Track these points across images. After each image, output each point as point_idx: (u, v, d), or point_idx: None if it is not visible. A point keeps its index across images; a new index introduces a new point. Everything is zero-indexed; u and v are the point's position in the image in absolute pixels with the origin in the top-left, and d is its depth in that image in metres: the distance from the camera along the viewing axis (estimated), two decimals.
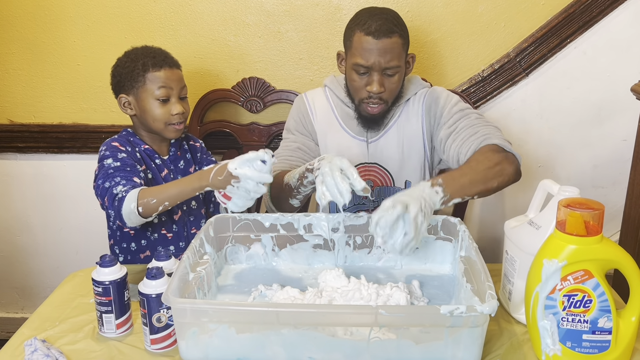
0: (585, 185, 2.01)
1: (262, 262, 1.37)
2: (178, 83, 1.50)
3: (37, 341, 1.08)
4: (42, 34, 1.94)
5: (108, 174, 1.38)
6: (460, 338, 0.99)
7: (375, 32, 1.43)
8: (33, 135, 2.03)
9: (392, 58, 1.45)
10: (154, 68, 1.47)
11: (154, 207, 1.28)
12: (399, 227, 1.11)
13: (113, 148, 1.46)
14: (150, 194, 1.28)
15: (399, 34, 1.46)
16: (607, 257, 0.99)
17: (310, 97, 1.66)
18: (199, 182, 1.25)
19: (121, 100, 1.51)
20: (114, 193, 1.31)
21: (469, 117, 1.50)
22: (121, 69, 1.51)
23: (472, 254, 1.16)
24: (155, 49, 1.53)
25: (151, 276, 1.07)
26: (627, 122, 1.87)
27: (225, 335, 1.01)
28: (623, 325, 1.02)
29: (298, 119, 1.65)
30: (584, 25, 1.84)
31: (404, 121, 1.60)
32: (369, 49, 1.44)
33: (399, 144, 1.60)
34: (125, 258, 1.57)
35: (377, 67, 1.46)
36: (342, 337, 1.01)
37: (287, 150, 1.62)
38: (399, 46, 1.46)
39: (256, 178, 1.18)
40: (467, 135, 1.45)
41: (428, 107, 1.58)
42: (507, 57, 1.88)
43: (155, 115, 1.48)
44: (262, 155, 1.18)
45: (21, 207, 2.14)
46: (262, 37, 1.92)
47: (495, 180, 1.33)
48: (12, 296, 2.28)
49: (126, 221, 1.30)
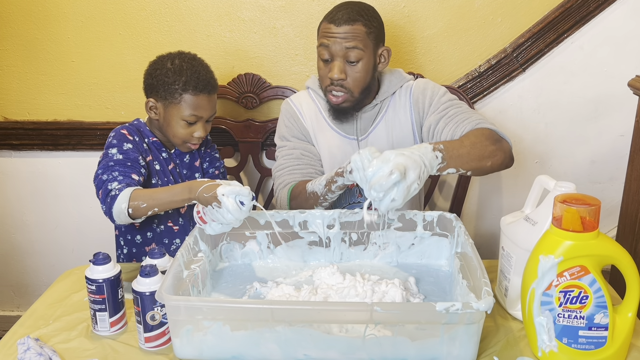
0: (583, 180, 2.01)
1: (257, 260, 1.36)
2: (211, 109, 1.49)
3: (30, 340, 1.08)
4: (36, 31, 1.93)
5: (108, 166, 1.38)
6: (456, 335, 0.99)
7: (337, 20, 1.46)
8: (28, 133, 2.02)
9: (353, 45, 1.46)
10: (194, 91, 1.44)
11: (143, 211, 1.28)
12: (390, 192, 1.11)
13: (121, 136, 1.46)
14: (141, 197, 1.27)
15: (362, 23, 1.47)
16: (604, 252, 0.99)
17: (296, 101, 1.65)
18: (188, 194, 1.23)
19: (149, 103, 1.49)
20: (108, 189, 1.31)
21: (459, 106, 1.51)
22: (161, 76, 1.45)
23: (468, 250, 1.15)
24: (203, 66, 1.48)
25: (145, 274, 1.06)
26: (625, 118, 1.87)
27: (220, 333, 1.01)
28: (619, 321, 1.01)
29: (290, 124, 1.63)
30: (581, 20, 1.83)
31: (391, 115, 1.59)
32: (330, 33, 1.47)
33: (388, 139, 1.59)
34: (130, 250, 1.57)
35: (337, 53, 1.47)
36: (337, 334, 1.01)
37: (291, 159, 1.59)
38: (361, 33, 1.47)
39: (234, 213, 1.15)
40: (460, 120, 1.45)
41: (416, 99, 1.58)
42: (504, 53, 1.88)
43: (177, 133, 1.47)
44: (249, 196, 1.15)
45: (16, 205, 2.13)
46: (258, 33, 1.91)
47: (490, 159, 1.33)
48: (7, 294, 2.27)
49: (115, 219, 1.30)
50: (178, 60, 1.46)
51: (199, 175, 1.61)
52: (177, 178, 1.56)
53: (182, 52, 1.50)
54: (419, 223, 1.33)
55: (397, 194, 1.11)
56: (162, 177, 1.53)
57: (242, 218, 1.17)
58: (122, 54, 1.93)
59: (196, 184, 1.21)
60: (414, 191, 1.14)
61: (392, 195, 1.11)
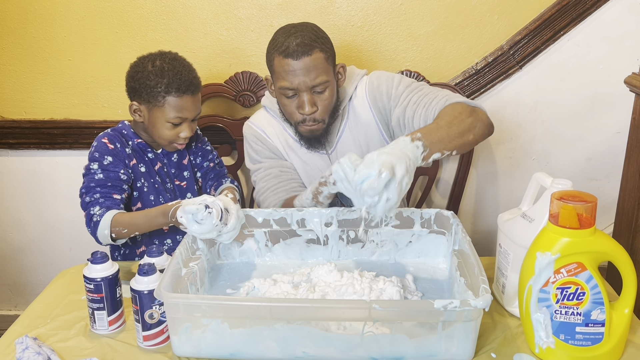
0: (579, 177, 2.02)
1: (255, 258, 1.36)
2: (195, 110, 1.47)
3: (29, 339, 1.08)
4: (32, 29, 1.92)
5: (90, 187, 1.43)
6: (453, 332, 0.99)
7: (294, 53, 1.38)
8: (24, 132, 2.02)
9: (317, 75, 1.40)
10: (177, 93, 1.42)
11: (125, 235, 1.36)
12: (384, 193, 1.08)
13: (102, 147, 1.45)
14: (122, 223, 1.34)
15: (319, 49, 1.41)
16: (600, 249, 0.99)
17: (258, 122, 1.61)
18: (163, 218, 1.30)
19: (132, 106, 1.47)
20: (90, 213, 1.38)
21: (420, 89, 1.46)
22: (143, 79, 1.43)
23: (465, 248, 1.16)
24: (184, 66, 1.46)
25: (143, 272, 1.06)
26: (621, 115, 1.87)
27: (218, 330, 1.01)
28: (616, 317, 1.02)
29: (258, 147, 1.59)
30: (577, 18, 1.84)
31: (353, 121, 1.56)
32: (291, 70, 1.39)
33: (356, 144, 1.56)
34: (124, 252, 1.58)
35: (304, 88, 1.41)
36: (335, 331, 1.01)
37: (270, 179, 1.56)
38: (322, 61, 1.41)
39: (195, 230, 1.20)
40: (427, 102, 1.40)
41: (373, 98, 1.53)
42: (501, 50, 1.88)
43: (163, 135, 1.47)
44: (200, 213, 1.18)
45: (13, 204, 2.12)
46: (255, 31, 1.91)
47: (471, 132, 1.30)
48: (5, 293, 2.27)
49: (101, 241, 1.38)
50: (159, 61, 1.44)
51: (188, 173, 1.60)
52: (165, 178, 1.56)
53: (163, 52, 1.48)
54: (417, 221, 1.33)
55: (391, 193, 1.09)
56: (148, 178, 1.53)
57: (207, 231, 1.20)
58: (119, 53, 1.93)
59: (168, 208, 1.28)
60: (406, 186, 1.11)
61: (386, 196, 1.09)
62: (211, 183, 1.63)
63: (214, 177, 1.62)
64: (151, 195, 1.53)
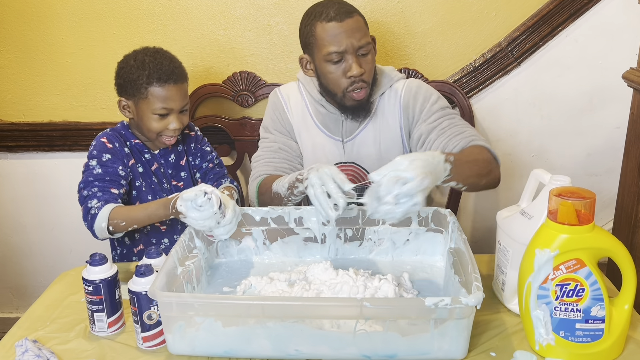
0: (579, 173, 2.01)
1: (253, 256, 1.36)
2: (181, 100, 1.47)
3: (28, 342, 1.07)
4: (29, 31, 1.92)
5: (88, 181, 1.42)
6: (446, 330, 0.99)
7: (337, 16, 1.42)
8: (23, 134, 2.02)
9: (361, 36, 1.43)
10: (159, 82, 1.43)
11: (123, 228, 1.35)
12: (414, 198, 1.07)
13: (101, 146, 1.47)
14: (120, 215, 1.33)
15: (357, 13, 1.45)
16: (599, 245, 0.99)
17: (285, 93, 1.64)
18: (164, 210, 1.29)
19: (121, 103, 1.49)
20: (88, 207, 1.37)
21: (452, 117, 1.48)
22: (126, 73, 1.46)
23: (460, 246, 1.15)
24: (166, 57, 1.48)
25: (140, 274, 1.06)
26: (620, 110, 1.86)
27: (212, 329, 1.01)
28: (616, 313, 1.01)
29: (275, 117, 1.63)
30: (575, 13, 1.83)
31: (380, 118, 1.56)
32: (337, 33, 1.42)
33: (375, 142, 1.56)
34: (122, 251, 1.58)
35: (350, 49, 1.43)
36: (329, 329, 1.01)
37: (268, 151, 1.59)
38: (363, 24, 1.45)
39: (196, 217, 1.19)
40: (453, 134, 1.43)
41: (406, 103, 1.54)
42: (499, 47, 1.87)
43: (151, 127, 1.47)
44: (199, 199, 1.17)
45: (13, 207, 2.13)
46: (252, 31, 1.90)
47: (485, 178, 1.34)
48: (6, 296, 2.27)
49: (97, 235, 1.37)
50: (141, 55, 1.47)
51: (185, 174, 1.60)
52: (162, 178, 1.56)
53: (147, 47, 1.51)
54: (414, 219, 1.33)
55: (419, 198, 1.08)
56: (146, 178, 1.53)
57: (207, 219, 1.19)
58: (117, 54, 1.90)
59: (168, 201, 1.28)
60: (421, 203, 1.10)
61: (415, 200, 1.08)
62: (210, 183, 1.63)
63: (214, 177, 1.62)
64: (149, 195, 1.53)
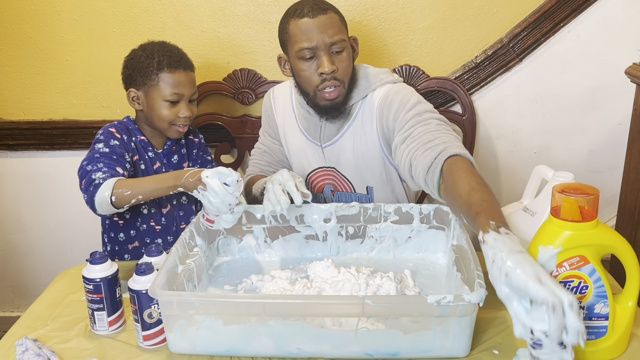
0: (581, 170, 2.00)
1: (254, 254, 1.36)
2: (190, 87, 1.49)
3: (28, 341, 1.07)
4: (29, 30, 1.92)
5: (93, 158, 1.38)
6: (448, 327, 0.98)
7: (309, 12, 1.39)
8: (23, 133, 2.01)
9: (334, 32, 1.38)
10: (169, 69, 1.45)
11: (127, 199, 1.28)
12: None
13: (108, 134, 1.47)
14: (125, 185, 1.28)
15: (333, 10, 1.42)
16: (603, 242, 0.98)
17: (277, 94, 1.64)
18: (174, 181, 1.25)
19: (130, 94, 1.50)
20: (92, 178, 1.32)
21: (427, 123, 1.32)
22: (135, 63, 1.48)
23: (463, 243, 1.15)
24: (173, 47, 1.52)
25: (140, 272, 1.06)
26: (622, 106, 1.86)
27: (213, 328, 1.01)
28: (620, 310, 1.01)
29: (265, 119, 1.66)
30: (577, 9, 1.82)
31: (358, 124, 1.49)
32: (308, 29, 1.38)
33: (354, 151, 1.51)
34: (113, 248, 1.57)
35: (322, 46, 1.39)
36: (330, 327, 1.00)
37: (258, 153, 1.66)
38: (337, 21, 1.41)
39: (220, 193, 1.15)
40: (423, 142, 1.27)
41: (380, 111, 1.45)
42: (500, 43, 1.86)
43: (162, 115, 1.47)
44: (232, 176, 1.15)
45: (13, 206, 2.12)
46: (252, 28, 1.90)
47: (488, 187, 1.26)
48: (7, 295, 2.27)
49: (97, 208, 1.30)
50: (149, 46, 1.51)
51: None
52: None
53: (152, 40, 1.53)
54: (416, 216, 1.32)
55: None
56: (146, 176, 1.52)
57: (229, 201, 1.16)
58: (116, 52, 1.92)
59: (182, 172, 1.24)
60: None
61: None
62: None
63: None
64: None
